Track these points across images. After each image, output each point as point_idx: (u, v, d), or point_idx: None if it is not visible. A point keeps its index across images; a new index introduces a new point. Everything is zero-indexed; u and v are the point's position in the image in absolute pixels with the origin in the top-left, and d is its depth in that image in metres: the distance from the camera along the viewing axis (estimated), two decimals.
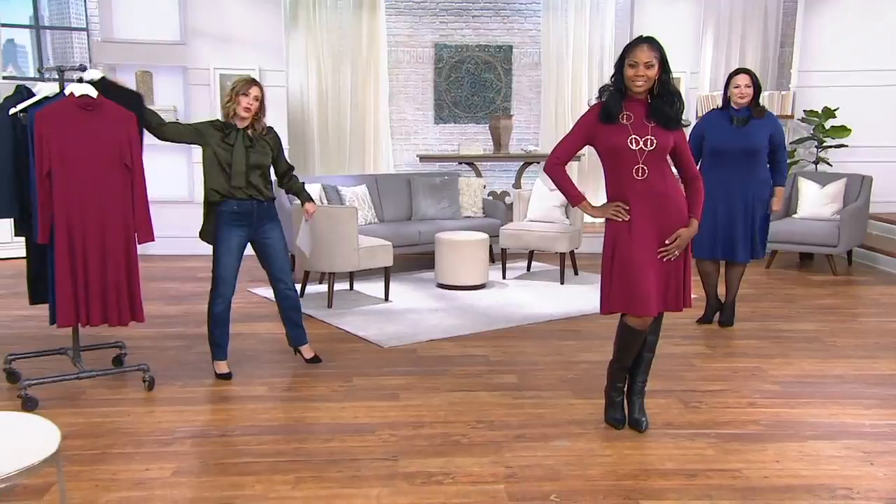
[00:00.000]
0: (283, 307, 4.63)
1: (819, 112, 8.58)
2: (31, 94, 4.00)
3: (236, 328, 4.58)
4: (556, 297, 6.49)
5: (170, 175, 8.05)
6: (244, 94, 4.25)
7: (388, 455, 3.40)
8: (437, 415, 3.89)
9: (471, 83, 10.08)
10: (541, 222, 7.32)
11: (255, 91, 4.27)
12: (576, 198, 3.63)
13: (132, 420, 3.82)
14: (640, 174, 3.40)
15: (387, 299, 6.34)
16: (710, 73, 9.61)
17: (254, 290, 6.57)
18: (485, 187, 8.48)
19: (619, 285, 3.47)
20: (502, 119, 9.07)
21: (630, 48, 3.40)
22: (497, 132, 9.05)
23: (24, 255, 4.24)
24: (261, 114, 4.36)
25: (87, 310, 4.00)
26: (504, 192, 9.58)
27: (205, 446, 3.54)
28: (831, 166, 8.54)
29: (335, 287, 6.26)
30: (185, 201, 8.20)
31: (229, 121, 4.33)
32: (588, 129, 3.52)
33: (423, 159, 9.15)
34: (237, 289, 4.47)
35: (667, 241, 3.44)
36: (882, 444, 3.55)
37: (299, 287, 6.08)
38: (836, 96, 8.58)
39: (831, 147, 8.63)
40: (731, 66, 8.66)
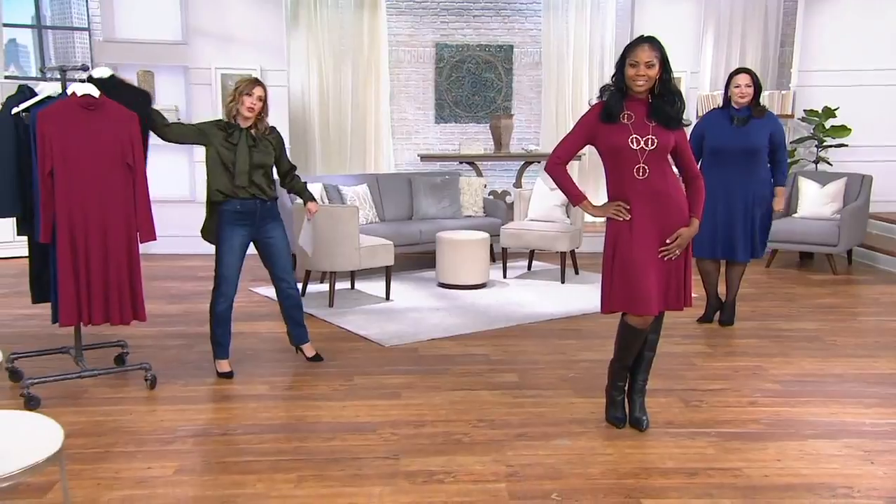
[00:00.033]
0: (285, 306, 4.64)
1: (819, 111, 8.58)
2: (34, 94, 4.01)
3: (237, 327, 4.59)
4: (557, 297, 6.50)
5: (171, 174, 8.05)
6: (248, 94, 4.26)
7: (390, 454, 3.41)
8: (439, 413, 3.89)
9: (471, 83, 10.09)
10: (541, 222, 7.33)
11: (258, 91, 4.28)
12: (577, 197, 3.63)
13: (134, 419, 3.83)
14: (641, 174, 3.40)
15: (388, 298, 6.35)
16: (711, 73, 9.61)
17: (255, 290, 6.58)
18: (485, 187, 8.48)
19: (619, 284, 3.47)
20: (503, 118, 9.08)
21: (631, 48, 3.40)
22: (498, 132, 9.05)
23: (26, 254, 4.25)
24: (264, 113, 4.37)
25: (90, 309, 4.01)
26: (505, 192, 9.58)
27: (206, 445, 3.54)
28: (831, 166, 8.54)
29: (336, 286, 6.26)
30: (186, 200, 8.22)
31: (232, 120, 4.34)
32: (589, 128, 3.52)
33: (423, 159, 9.17)
34: (239, 288, 4.48)
35: (668, 241, 3.44)
36: (882, 443, 3.55)
37: (300, 286, 6.09)
38: (836, 96, 8.59)
39: (831, 146, 8.63)
40: (732, 66, 8.67)
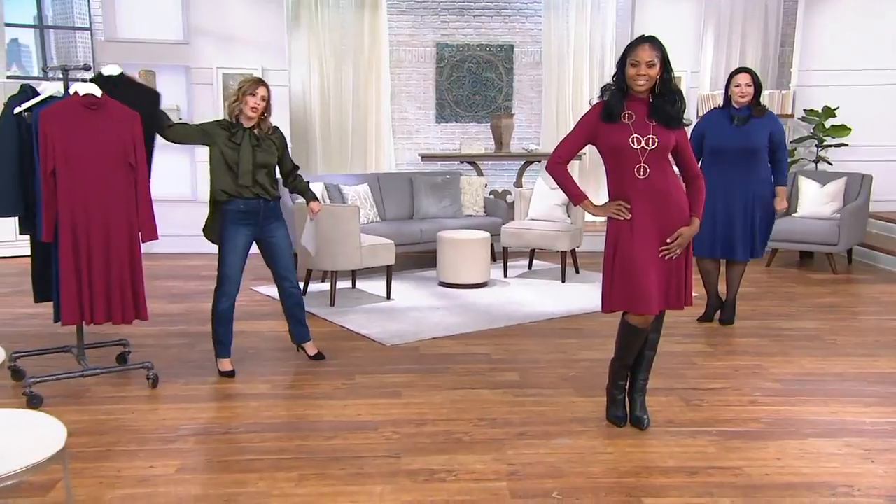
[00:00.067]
0: (288, 305, 4.66)
1: (819, 111, 8.59)
2: (36, 94, 4.01)
3: (239, 326, 4.60)
4: (558, 296, 6.51)
5: (173, 174, 8.06)
6: (251, 94, 4.27)
7: (391, 452, 3.42)
8: (440, 412, 3.90)
9: (472, 82, 10.09)
10: (542, 221, 7.34)
11: (262, 91, 4.29)
12: (578, 197, 3.63)
13: (136, 417, 3.83)
14: (641, 173, 3.41)
15: (389, 297, 6.36)
16: (711, 73, 9.62)
17: (256, 289, 6.59)
18: (486, 186, 8.49)
19: (620, 284, 3.48)
20: (503, 118, 9.09)
21: (632, 47, 3.41)
22: (498, 131, 9.06)
23: (28, 253, 4.26)
24: (267, 113, 4.38)
25: (92, 308, 4.02)
26: (505, 191, 9.59)
27: (208, 444, 3.55)
28: (831, 165, 8.55)
29: (337, 285, 6.27)
30: (188, 200, 8.24)
31: (235, 120, 4.35)
32: (590, 128, 3.52)
33: (424, 158, 9.18)
34: (240, 287, 4.48)
35: (668, 240, 3.45)
36: (882, 442, 3.56)
37: (302, 285, 6.09)
38: (836, 95, 8.60)
39: (831, 146, 8.63)
40: (732, 66, 8.68)
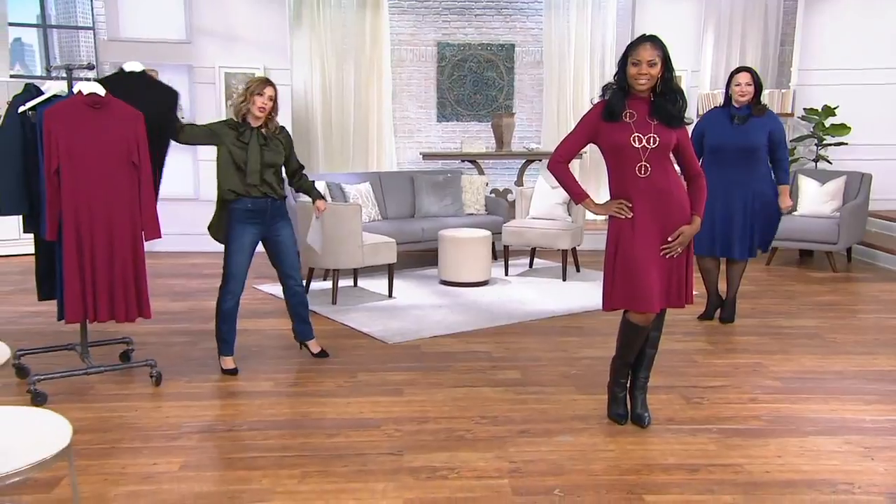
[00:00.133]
0: (292, 303, 4.68)
1: (819, 110, 8.60)
2: (40, 93, 4.03)
3: (241, 324, 4.61)
4: (559, 294, 6.53)
5: (176, 173, 8.04)
6: (259, 93, 4.29)
7: (393, 450, 3.43)
8: (441, 410, 3.91)
9: (473, 81, 10.10)
10: (543, 220, 7.36)
11: (269, 91, 4.31)
12: (579, 195, 3.65)
13: (140, 415, 3.85)
14: (642, 172, 3.42)
15: (390, 296, 6.38)
16: (711, 72, 9.63)
17: (259, 287, 6.61)
18: (487, 185, 8.51)
19: (621, 282, 3.49)
20: (504, 117, 9.10)
21: (633, 46, 3.42)
22: (499, 130, 9.07)
23: (32, 251, 4.27)
24: (274, 113, 4.41)
25: (95, 306, 4.03)
26: (506, 190, 9.60)
27: (212, 441, 3.57)
28: (831, 164, 8.56)
29: (339, 283, 6.29)
30: (190, 199, 8.25)
31: (242, 120, 4.37)
32: (591, 127, 3.54)
33: (426, 157, 9.19)
34: (245, 286, 4.50)
35: (669, 239, 3.46)
36: (882, 440, 3.57)
37: (304, 283, 6.11)
38: (835, 94, 8.61)
39: (831, 145, 8.65)
40: (732, 65, 8.70)
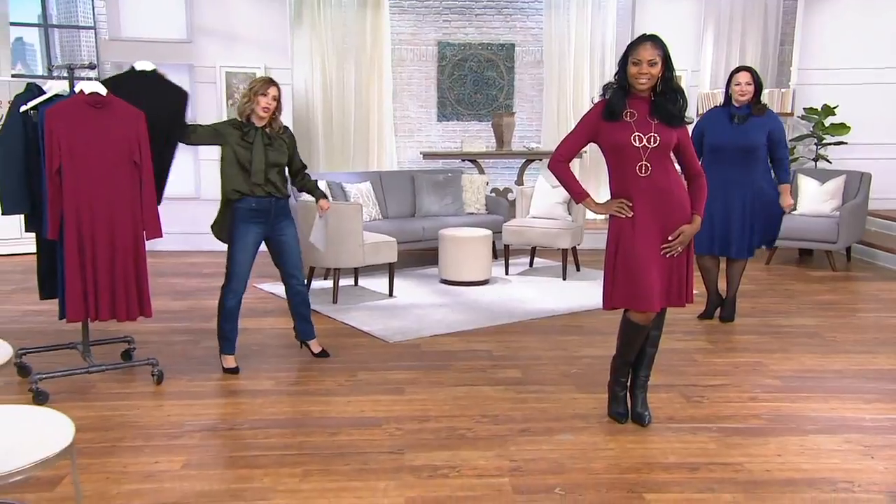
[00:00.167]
0: (294, 302, 4.68)
1: (819, 109, 8.61)
2: (42, 92, 4.03)
3: (242, 323, 4.61)
4: (559, 293, 6.54)
5: (177, 172, 8.04)
6: (263, 94, 4.30)
7: (395, 448, 3.44)
8: (442, 409, 3.92)
9: (473, 81, 10.11)
10: (543, 219, 7.36)
11: (273, 91, 4.33)
12: (579, 195, 3.66)
13: (141, 413, 3.86)
14: (643, 171, 3.43)
15: (391, 295, 6.38)
16: (711, 71, 9.65)
17: (260, 286, 6.61)
18: (487, 184, 8.51)
19: (622, 281, 3.49)
20: (505, 116, 9.10)
21: (633, 46, 3.42)
22: (500, 129, 9.08)
23: (34, 250, 4.28)
24: (278, 113, 4.42)
25: (96, 305, 4.04)
26: (507, 189, 9.61)
27: (213, 440, 3.57)
28: (831, 163, 8.57)
29: (340, 283, 6.30)
30: (191, 198, 8.26)
31: (246, 120, 4.38)
32: (592, 126, 3.54)
33: (426, 156, 9.19)
34: (247, 285, 4.51)
35: (670, 238, 3.47)
36: (882, 438, 3.58)
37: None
38: (835, 94, 8.62)
39: (831, 144, 8.66)
40: (732, 64, 8.71)
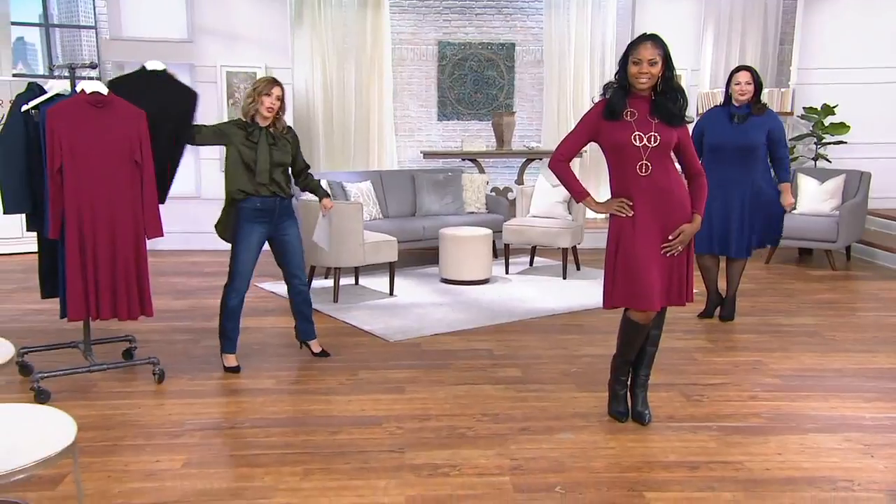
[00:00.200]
0: (296, 302, 4.69)
1: (818, 109, 8.62)
2: (43, 91, 4.04)
3: (243, 322, 4.61)
4: (559, 292, 6.55)
5: (178, 171, 8.10)
6: (267, 94, 4.31)
7: (395, 447, 3.45)
8: (443, 408, 3.93)
9: (474, 80, 10.11)
10: (543, 218, 7.37)
11: (277, 91, 4.34)
12: (580, 194, 3.67)
13: (142, 412, 3.87)
14: (643, 170, 3.44)
15: (391, 294, 6.39)
16: (711, 70, 9.65)
17: (261, 285, 6.61)
18: (488, 183, 8.52)
19: (622, 280, 3.50)
20: (505, 116, 9.11)
21: (634, 45, 3.43)
22: (500, 129, 9.08)
23: (35, 250, 4.29)
24: (282, 112, 4.43)
25: (97, 304, 4.05)
26: (507, 189, 9.61)
27: (214, 438, 3.58)
28: (830, 163, 8.58)
29: (341, 282, 6.31)
30: (192, 197, 8.26)
31: (251, 120, 4.39)
32: (592, 125, 3.55)
33: (426, 156, 9.18)
34: (249, 284, 4.52)
35: (670, 237, 3.48)
36: (882, 437, 3.59)
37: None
38: (835, 93, 8.63)
39: (830, 143, 8.67)
40: (732, 64, 8.71)
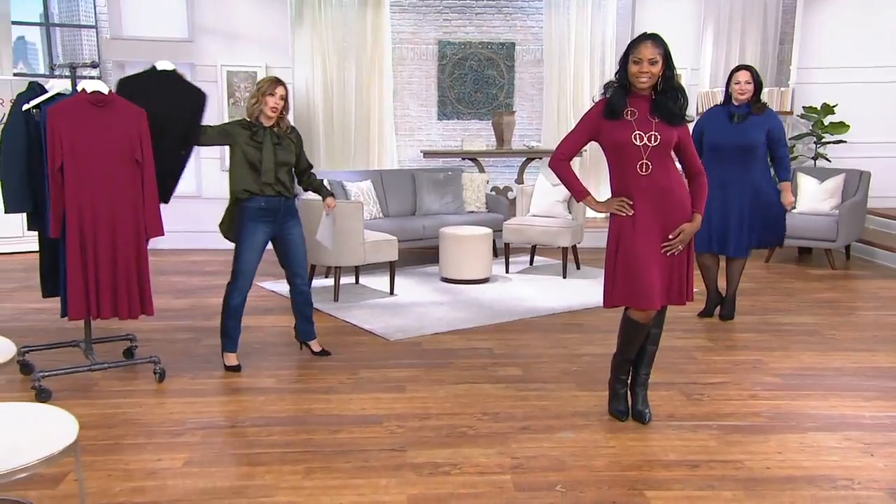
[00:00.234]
0: (298, 302, 4.70)
1: (818, 108, 8.63)
2: (44, 91, 4.04)
3: (244, 321, 4.61)
4: (559, 291, 6.55)
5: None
6: (270, 94, 4.32)
7: (396, 446, 3.45)
8: (444, 406, 3.93)
9: (474, 80, 10.11)
10: (543, 217, 7.38)
11: (280, 90, 4.34)
12: (580, 193, 3.67)
13: (143, 411, 3.87)
14: (644, 170, 3.44)
15: (392, 293, 6.40)
16: (711, 70, 9.65)
17: (261, 284, 6.61)
18: (488, 183, 8.53)
19: (622, 279, 3.50)
20: (505, 115, 9.11)
21: (634, 45, 3.43)
22: (500, 128, 9.08)
23: (36, 249, 4.29)
24: (285, 112, 4.44)
25: (98, 303, 4.05)
26: (507, 188, 9.62)
27: (215, 437, 3.59)
28: (830, 162, 8.59)
29: (341, 281, 6.32)
30: (192, 196, 8.25)
31: (255, 121, 4.40)
32: (592, 125, 3.55)
33: (426, 155, 9.19)
34: (252, 283, 4.54)
35: (670, 236, 3.48)
36: (882, 436, 3.60)
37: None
38: (834, 93, 8.64)
39: (830, 143, 8.67)
40: (731, 63, 8.71)
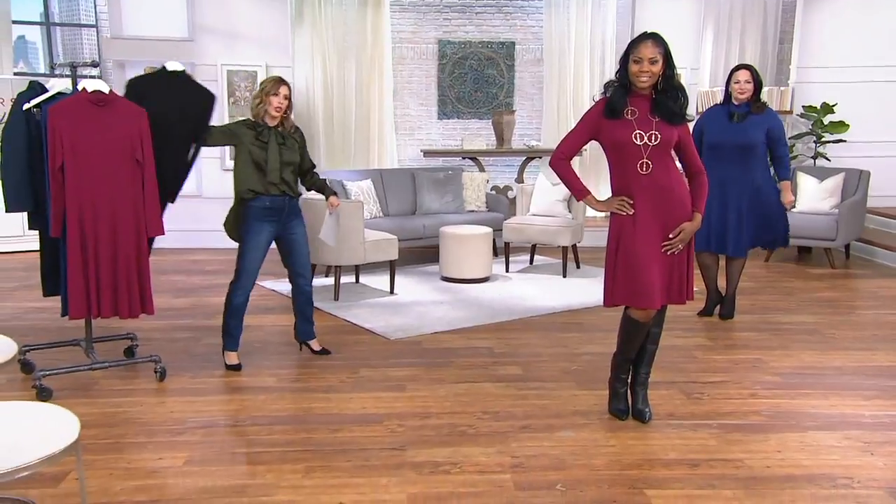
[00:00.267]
0: (299, 301, 4.70)
1: (818, 108, 8.64)
2: (45, 90, 4.04)
3: (245, 320, 4.63)
4: (559, 290, 6.56)
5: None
6: (274, 93, 4.33)
7: (396, 445, 3.46)
8: (444, 405, 3.94)
9: (474, 79, 10.11)
10: (543, 216, 7.38)
11: (284, 90, 4.35)
12: (581, 192, 3.67)
13: (144, 410, 3.88)
14: (644, 169, 3.44)
15: (392, 292, 6.40)
16: (710, 69, 9.65)
17: (261, 283, 6.60)
18: (488, 182, 8.53)
19: (622, 278, 3.51)
20: (505, 114, 9.11)
21: (634, 44, 3.43)
22: (500, 127, 9.09)
23: (37, 248, 4.29)
24: (288, 112, 4.45)
25: (99, 302, 4.05)
26: (507, 187, 9.62)
27: (216, 436, 3.59)
28: (829, 161, 8.59)
29: (341, 280, 6.32)
30: (193, 195, 8.24)
31: (259, 120, 4.41)
32: (593, 124, 3.56)
33: (426, 154, 9.19)
34: (254, 282, 4.55)
35: (671, 235, 3.49)
36: (881, 435, 3.60)
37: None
38: (834, 92, 8.65)
39: (830, 142, 8.68)
40: (731, 62, 8.71)
